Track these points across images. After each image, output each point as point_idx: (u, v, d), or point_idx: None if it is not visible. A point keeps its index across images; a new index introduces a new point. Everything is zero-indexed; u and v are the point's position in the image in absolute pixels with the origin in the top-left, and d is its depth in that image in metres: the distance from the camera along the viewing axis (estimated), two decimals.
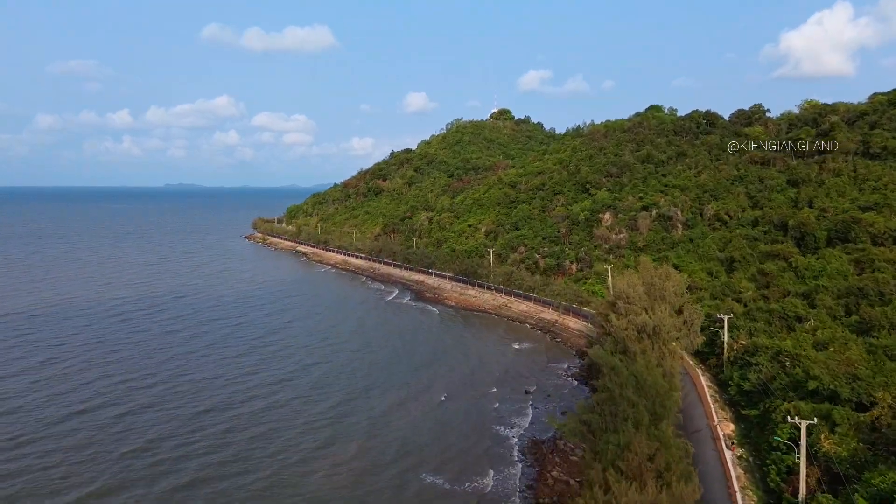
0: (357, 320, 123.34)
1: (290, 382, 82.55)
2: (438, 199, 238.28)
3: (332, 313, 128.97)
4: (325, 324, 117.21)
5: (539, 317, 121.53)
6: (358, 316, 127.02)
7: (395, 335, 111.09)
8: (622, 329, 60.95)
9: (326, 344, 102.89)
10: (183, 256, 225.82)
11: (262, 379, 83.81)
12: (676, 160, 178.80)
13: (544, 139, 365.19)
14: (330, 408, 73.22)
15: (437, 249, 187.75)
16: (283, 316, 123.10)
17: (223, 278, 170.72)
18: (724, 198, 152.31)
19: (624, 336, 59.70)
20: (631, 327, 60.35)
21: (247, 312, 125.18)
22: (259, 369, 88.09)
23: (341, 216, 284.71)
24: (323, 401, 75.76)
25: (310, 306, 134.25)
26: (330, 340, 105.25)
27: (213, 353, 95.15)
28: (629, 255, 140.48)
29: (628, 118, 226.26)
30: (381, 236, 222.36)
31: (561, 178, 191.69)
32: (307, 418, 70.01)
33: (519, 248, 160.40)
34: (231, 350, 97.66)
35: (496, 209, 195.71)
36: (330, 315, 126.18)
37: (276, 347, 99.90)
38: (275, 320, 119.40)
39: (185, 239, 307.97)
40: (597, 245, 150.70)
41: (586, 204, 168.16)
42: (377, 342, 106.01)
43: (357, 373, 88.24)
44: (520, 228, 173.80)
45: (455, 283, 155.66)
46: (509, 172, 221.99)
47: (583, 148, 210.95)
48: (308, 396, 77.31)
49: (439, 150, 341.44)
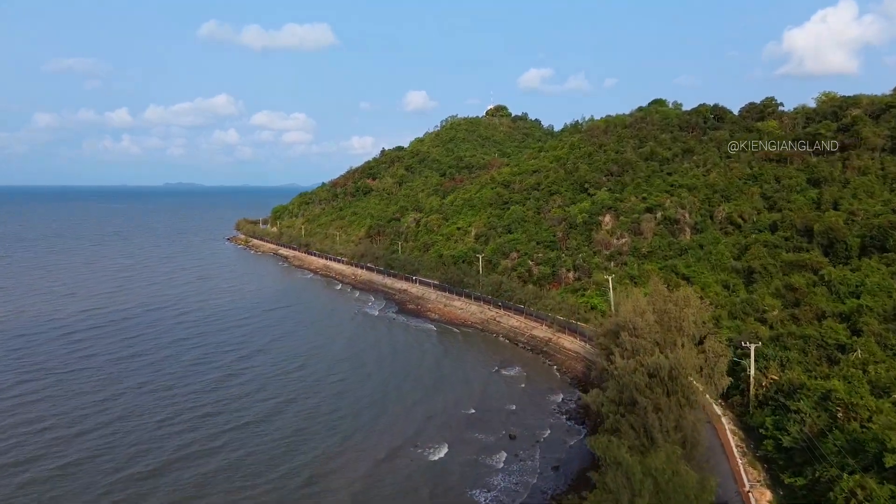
0: (333, 341, 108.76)
1: (254, 431, 67.72)
2: (428, 199, 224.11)
3: (307, 333, 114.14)
4: (298, 349, 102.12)
5: (531, 334, 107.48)
6: (334, 336, 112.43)
7: (370, 361, 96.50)
8: (629, 372, 47.00)
9: (296, 378, 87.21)
10: (161, 261, 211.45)
11: (221, 424, 69.16)
12: (683, 157, 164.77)
13: (542, 136, 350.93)
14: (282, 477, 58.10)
15: (424, 254, 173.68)
16: (255, 338, 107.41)
17: (197, 288, 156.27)
18: (737, 199, 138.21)
19: (631, 383, 45.77)
20: (640, 370, 46.47)
21: (217, 333, 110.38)
22: (220, 409, 73.48)
23: (327, 217, 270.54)
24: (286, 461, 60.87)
25: (284, 325, 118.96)
26: (299, 373, 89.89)
27: (168, 390, 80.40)
28: (632, 262, 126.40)
29: (630, 113, 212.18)
30: (364, 240, 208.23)
31: (558, 177, 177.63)
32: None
33: (511, 254, 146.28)
34: (191, 384, 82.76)
35: (488, 210, 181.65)
36: (303, 336, 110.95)
37: (243, 381, 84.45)
38: (245, 343, 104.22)
39: (168, 241, 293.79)
40: (596, 251, 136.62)
41: (585, 205, 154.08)
42: (351, 371, 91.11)
43: (323, 415, 73.90)
44: (512, 232, 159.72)
45: (440, 293, 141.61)
46: (502, 171, 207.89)
47: (581, 145, 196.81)
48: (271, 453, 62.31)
49: (432, 147, 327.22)
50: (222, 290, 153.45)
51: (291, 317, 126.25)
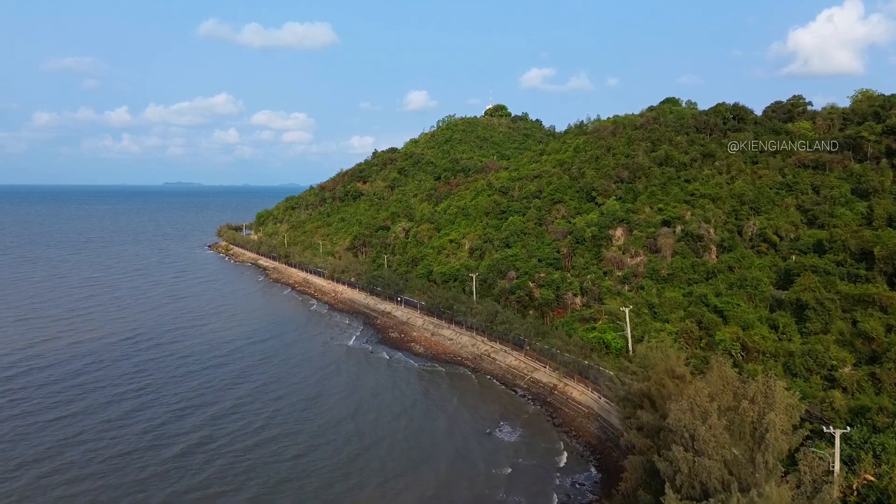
0: (300, 386, 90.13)
1: None
2: (420, 206, 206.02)
3: (273, 377, 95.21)
4: (261, 401, 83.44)
5: (532, 377, 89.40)
6: (302, 381, 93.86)
7: (338, 418, 78.07)
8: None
9: (252, 452, 68.21)
10: (132, 275, 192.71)
11: None
12: (702, 162, 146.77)
13: (543, 137, 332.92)
14: None
15: (413, 269, 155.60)
16: (212, 388, 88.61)
17: (162, 313, 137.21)
18: (769, 211, 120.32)
19: None
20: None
21: (169, 376, 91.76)
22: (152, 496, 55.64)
23: (313, 223, 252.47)
24: None
25: (249, 366, 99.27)
26: (256, 439, 71.08)
27: (85, 464, 62.47)
28: (649, 286, 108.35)
29: (640, 113, 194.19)
30: (348, 251, 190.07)
31: (561, 183, 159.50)
32: None
33: (509, 273, 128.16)
34: (124, 448, 65.22)
35: (483, 220, 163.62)
36: (268, 383, 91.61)
37: (188, 447, 66.80)
38: (201, 391, 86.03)
39: (147, 248, 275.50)
40: (607, 271, 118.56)
41: (593, 216, 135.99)
42: (315, 435, 72.40)
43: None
44: (511, 246, 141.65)
45: (428, 318, 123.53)
46: (500, 175, 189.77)
47: (587, 147, 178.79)
48: None
49: (427, 149, 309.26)
50: (189, 316, 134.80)
51: (259, 353, 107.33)
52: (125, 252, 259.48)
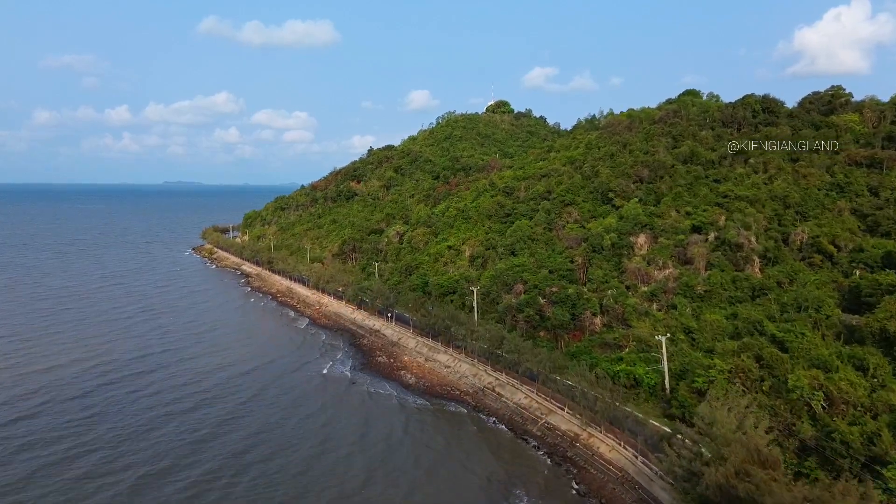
0: (262, 440, 72.94)
1: None
2: (417, 207, 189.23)
3: (243, 415, 79.00)
4: (219, 455, 66.86)
5: (547, 422, 72.59)
6: (267, 419, 77.30)
7: (307, 479, 61.49)
8: None
9: None
10: (107, 284, 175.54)
11: None
12: (733, 160, 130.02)
13: (547, 135, 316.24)
14: None
15: (406, 279, 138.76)
16: (164, 440, 71.22)
17: (129, 333, 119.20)
18: (819, 216, 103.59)
19: None
20: None
21: (122, 429, 74.35)
22: None
23: (303, 225, 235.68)
24: None
25: (209, 405, 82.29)
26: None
27: None
28: (683, 305, 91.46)
29: (658, 106, 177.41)
30: (337, 257, 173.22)
31: (573, 183, 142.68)
32: None
33: (515, 287, 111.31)
34: None
35: (486, 224, 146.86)
36: (228, 428, 75.30)
37: None
38: (152, 447, 68.82)
39: (132, 252, 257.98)
40: (630, 285, 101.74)
41: (610, 221, 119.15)
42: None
43: None
44: (517, 254, 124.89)
45: (421, 339, 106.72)
46: (504, 174, 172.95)
47: (600, 143, 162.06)
48: None
49: (425, 146, 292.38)
50: (157, 336, 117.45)
51: (223, 387, 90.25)
52: (107, 256, 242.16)
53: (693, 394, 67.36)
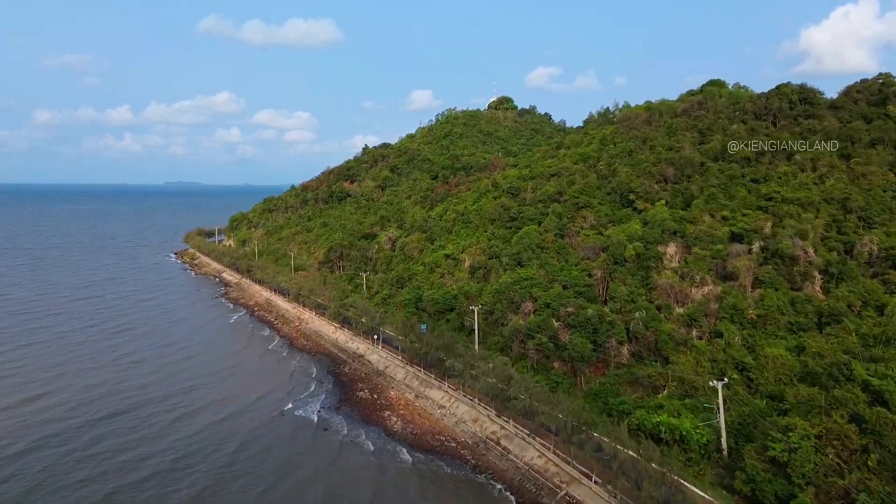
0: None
1: None
2: (412, 209, 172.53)
3: (196, 465, 62.32)
4: None
5: (570, 494, 55.61)
6: (215, 488, 60.44)
7: None
8: None
9: None
10: (78, 295, 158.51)
11: None
12: (774, 157, 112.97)
13: (553, 133, 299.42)
14: None
15: (398, 292, 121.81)
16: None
17: (84, 360, 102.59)
18: (889, 223, 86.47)
19: None
20: None
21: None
22: None
23: (291, 229, 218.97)
24: None
25: (144, 472, 65.85)
26: None
27: None
28: (731, 333, 74.35)
29: (680, 97, 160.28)
30: (325, 265, 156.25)
31: (587, 183, 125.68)
32: None
33: (524, 305, 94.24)
34: None
35: (489, 229, 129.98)
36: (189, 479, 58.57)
37: None
38: None
39: (111, 258, 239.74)
40: (662, 305, 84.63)
41: (634, 227, 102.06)
42: None
43: None
44: (524, 264, 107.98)
45: (411, 369, 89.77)
46: (508, 174, 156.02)
47: (617, 139, 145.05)
48: None
49: (423, 144, 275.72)
50: (114, 369, 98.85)
51: (175, 444, 73.50)
52: (85, 263, 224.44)
53: (767, 463, 50.40)
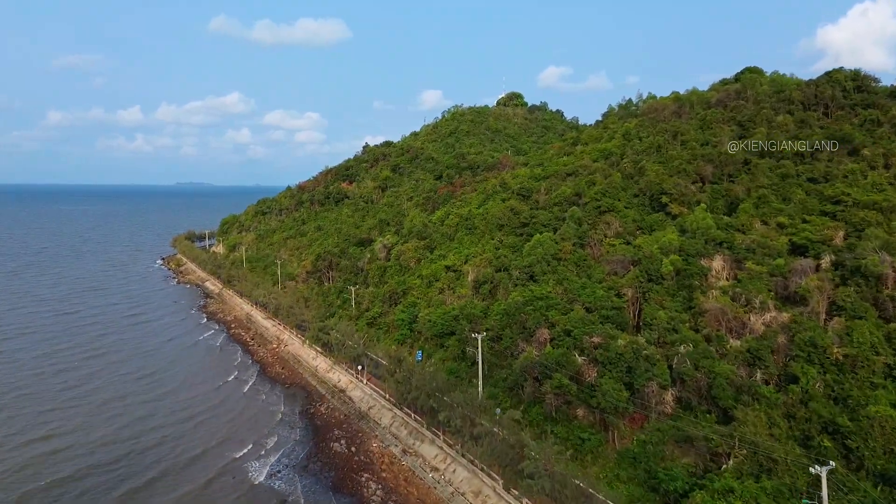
0: None
1: None
2: (411, 213, 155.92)
3: None
4: None
5: None
6: None
7: None
8: None
9: None
10: (52, 312, 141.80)
11: None
12: (833, 153, 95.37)
13: (565, 130, 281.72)
14: None
15: (391, 310, 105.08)
16: None
17: (30, 398, 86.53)
18: None
19: None
20: None
21: None
22: None
23: (283, 233, 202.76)
24: None
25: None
26: None
27: None
28: (811, 378, 56.95)
29: (712, 87, 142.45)
30: (313, 275, 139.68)
31: (610, 183, 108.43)
32: None
33: (539, 332, 77.13)
34: None
35: (496, 236, 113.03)
36: None
37: None
38: None
39: (97, 264, 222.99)
40: (713, 337, 67.33)
41: (670, 237, 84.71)
42: None
43: None
44: (537, 279, 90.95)
45: (400, 414, 72.85)
46: (518, 173, 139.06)
47: (642, 133, 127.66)
48: None
49: (428, 142, 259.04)
50: (61, 410, 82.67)
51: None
52: (69, 271, 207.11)
53: None
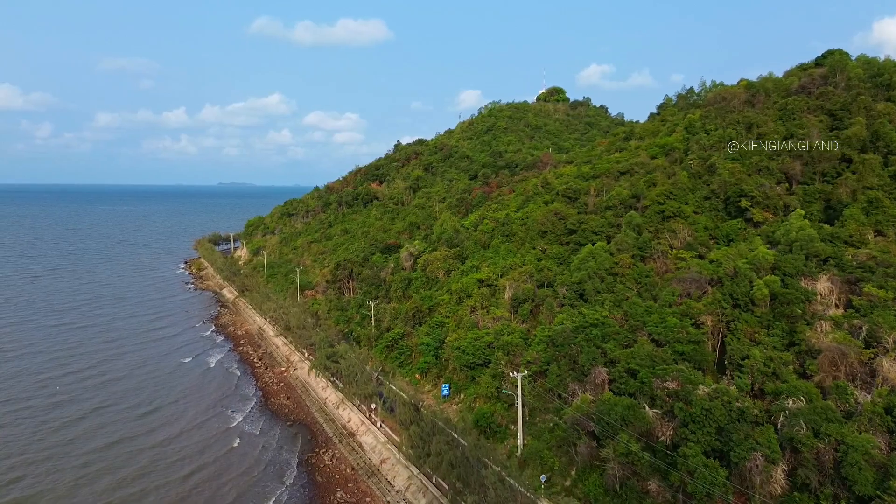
0: None
1: None
2: (442, 216, 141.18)
3: None
4: None
5: None
6: None
7: None
8: None
9: None
10: (64, 323, 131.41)
11: None
12: None
13: (610, 127, 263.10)
14: None
15: (415, 331, 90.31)
16: None
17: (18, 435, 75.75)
18: None
19: None
20: None
21: None
22: None
23: (308, 236, 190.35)
24: None
25: None
26: None
27: None
28: None
29: (789, 73, 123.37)
30: (332, 284, 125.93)
31: (675, 183, 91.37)
32: None
33: (595, 371, 61.22)
34: None
35: (538, 245, 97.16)
36: None
37: None
38: None
39: (125, 267, 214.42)
40: (829, 387, 50.39)
41: (761, 251, 67.71)
42: None
43: None
44: (589, 300, 74.91)
45: (417, 476, 57.89)
46: (563, 172, 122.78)
47: (709, 125, 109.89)
48: None
49: (463, 140, 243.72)
50: (37, 460, 71.75)
51: None
52: (91, 276, 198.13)
53: None
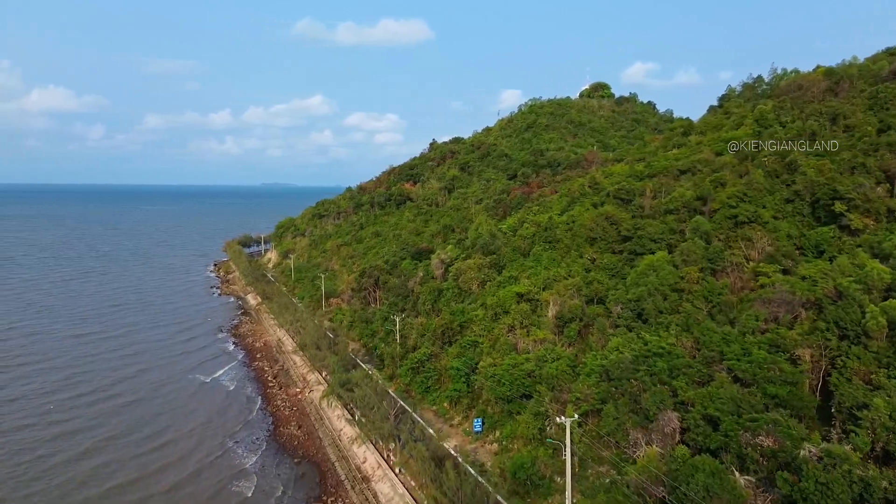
0: None
1: None
2: (477, 219, 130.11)
3: None
4: None
5: None
6: None
7: None
8: None
9: None
10: (84, 332, 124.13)
11: None
12: None
13: (658, 124, 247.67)
14: None
15: (444, 352, 79.40)
16: None
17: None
18: None
19: None
20: None
21: None
22: None
23: (339, 239, 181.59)
24: None
25: None
26: None
27: None
28: None
29: (871, 59, 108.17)
30: (358, 293, 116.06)
31: (749, 183, 78.19)
32: None
33: (662, 416, 49.23)
34: None
35: (586, 254, 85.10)
36: None
37: None
38: None
39: (152, 271, 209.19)
40: None
41: (873, 266, 54.53)
42: None
43: None
44: (649, 321, 62.81)
45: None
46: (614, 170, 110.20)
47: (783, 117, 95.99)
48: None
49: (501, 138, 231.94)
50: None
51: None
52: (122, 279, 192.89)
53: None
